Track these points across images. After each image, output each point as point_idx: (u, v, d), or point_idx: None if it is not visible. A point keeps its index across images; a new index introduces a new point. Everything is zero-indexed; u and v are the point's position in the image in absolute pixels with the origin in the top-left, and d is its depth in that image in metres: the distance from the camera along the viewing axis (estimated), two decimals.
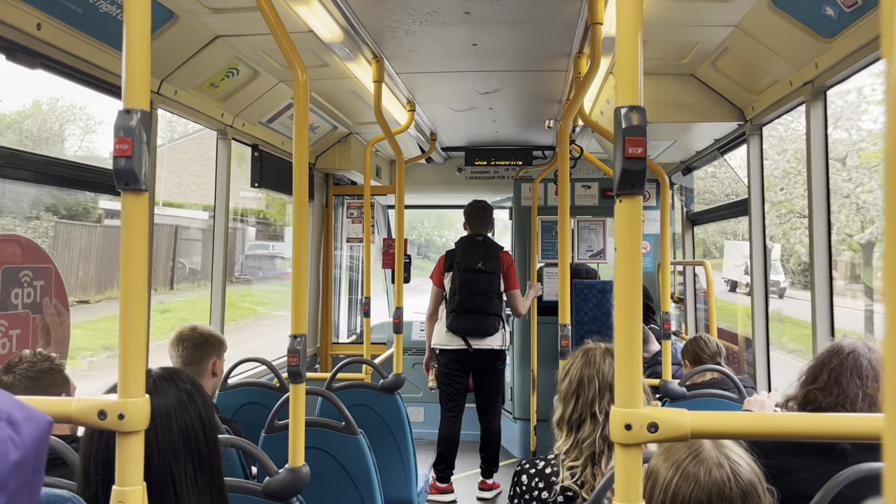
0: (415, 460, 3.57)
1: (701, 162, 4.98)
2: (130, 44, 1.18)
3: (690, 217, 5.55)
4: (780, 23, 2.75)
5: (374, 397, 3.53)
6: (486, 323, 4.74)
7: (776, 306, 8.02)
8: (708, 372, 3.34)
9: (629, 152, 1.11)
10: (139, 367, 1.20)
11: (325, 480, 2.68)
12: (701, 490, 1.25)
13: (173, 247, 15.32)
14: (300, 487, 1.91)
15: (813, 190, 2.99)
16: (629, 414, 1.09)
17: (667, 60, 3.54)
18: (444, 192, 6.95)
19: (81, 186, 3.19)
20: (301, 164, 1.99)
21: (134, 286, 1.20)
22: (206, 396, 1.46)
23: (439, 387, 4.96)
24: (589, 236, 5.81)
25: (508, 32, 3.26)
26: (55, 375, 2.16)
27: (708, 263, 4.84)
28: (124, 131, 1.16)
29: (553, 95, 4.52)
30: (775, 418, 1.25)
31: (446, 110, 4.90)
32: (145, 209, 1.21)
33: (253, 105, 3.92)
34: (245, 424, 3.00)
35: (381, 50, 3.46)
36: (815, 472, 1.70)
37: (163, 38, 2.86)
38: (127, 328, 1.20)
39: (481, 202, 5.06)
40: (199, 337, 2.79)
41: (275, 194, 6.43)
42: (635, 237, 1.13)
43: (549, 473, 1.90)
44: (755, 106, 3.54)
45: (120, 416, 1.17)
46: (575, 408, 1.92)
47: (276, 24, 2.02)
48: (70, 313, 2.66)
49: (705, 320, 4.98)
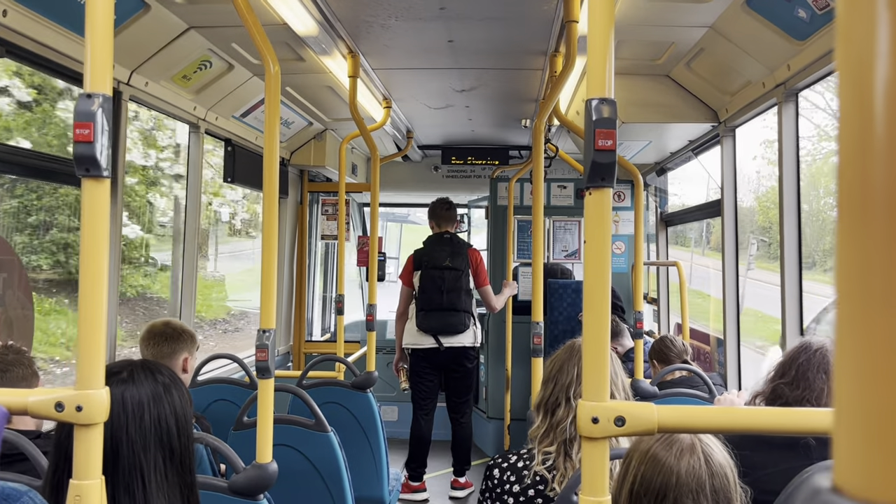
0: (387, 458, 3.55)
1: (675, 163, 5.02)
2: (92, 26, 1.15)
3: (664, 218, 5.59)
4: (754, 24, 2.77)
5: (345, 395, 3.50)
6: (456, 320, 4.74)
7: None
8: (678, 370, 3.37)
9: (599, 144, 1.11)
10: (98, 358, 1.18)
11: (295, 478, 2.66)
12: (670, 469, 1.25)
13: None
14: (267, 484, 1.88)
15: (784, 190, 3.02)
16: (596, 407, 1.09)
17: (642, 61, 3.56)
18: (421, 191, 6.94)
19: (43, 176, 3.13)
20: (271, 157, 1.97)
21: (94, 276, 1.17)
22: (184, 392, 1.43)
23: (411, 386, 4.95)
24: (564, 236, 5.83)
25: (484, 29, 3.26)
26: (24, 369, 2.12)
27: (681, 264, 4.87)
28: (84, 115, 1.13)
29: (529, 94, 4.53)
30: (741, 412, 1.25)
31: (423, 107, 4.89)
32: (106, 196, 1.18)
33: (226, 99, 3.88)
34: (215, 421, 2.97)
35: (357, 45, 3.44)
36: (781, 468, 1.72)
37: (133, 27, 2.81)
38: (86, 319, 1.17)
39: (445, 199, 5.08)
40: (171, 332, 2.74)
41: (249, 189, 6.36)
42: (605, 230, 1.13)
43: (521, 467, 1.90)
44: (729, 108, 3.57)
45: (78, 409, 1.14)
46: (552, 391, 1.93)
47: (247, 14, 1.99)
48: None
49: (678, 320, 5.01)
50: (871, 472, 0.27)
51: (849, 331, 0.29)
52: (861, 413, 0.28)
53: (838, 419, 0.29)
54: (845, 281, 0.29)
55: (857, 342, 0.28)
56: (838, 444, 0.29)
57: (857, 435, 0.28)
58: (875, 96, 0.27)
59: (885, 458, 0.27)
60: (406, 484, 4.84)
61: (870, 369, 0.27)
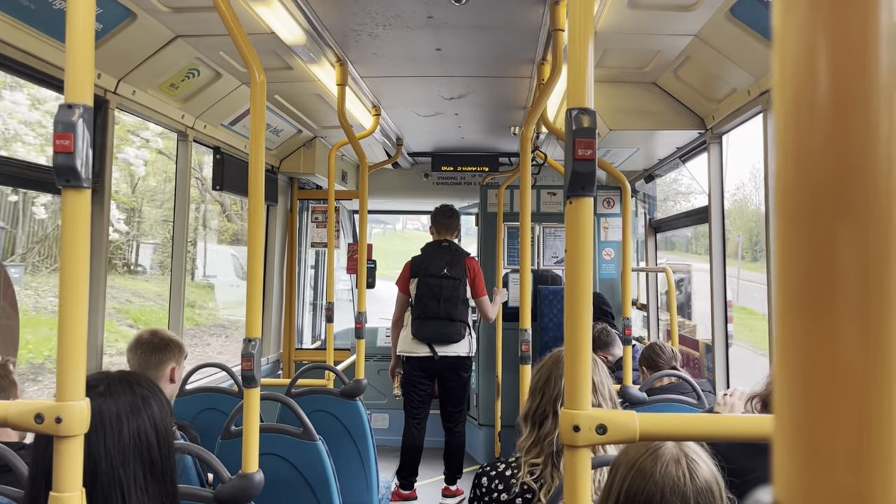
0: (376, 467, 3.54)
1: (663, 170, 5.04)
2: (73, 35, 1.15)
3: (653, 224, 5.61)
4: (738, 33, 2.79)
5: (334, 403, 3.49)
6: (452, 330, 4.71)
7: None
8: (666, 377, 3.38)
9: (579, 154, 1.12)
10: (78, 369, 1.17)
11: (282, 487, 2.65)
12: (654, 484, 1.25)
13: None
14: (253, 494, 1.88)
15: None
16: (578, 415, 1.09)
17: (629, 69, 3.58)
18: (411, 198, 6.94)
19: (23, 185, 3.12)
20: (257, 165, 1.97)
21: (74, 287, 1.17)
22: (163, 403, 1.42)
23: (403, 394, 4.93)
24: (554, 243, 5.85)
25: (472, 38, 3.27)
26: (3, 379, 2.10)
27: (670, 270, 4.89)
28: (64, 126, 1.13)
29: (518, 102, 4.54)
30: (723, 420, 1.26)
31: (412, 115, 4.90)
32: (87, 207, 1.18)
33: (214, 107, 3.87)
34: (203, 431, 2.95)
35: (345, 53, 3.45)
36: (769, 472, 1.72)
37: (120, 36, 2.81)
38: (66, 330, 1.17)
39: (449, 206, 5.03)
40: (158, 341, 2.73)
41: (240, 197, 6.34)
42: (585, 239, 1.14)
43: (508, 475, 1.90)
44: (715, 115, 3.59)
45: (57, 420, 1.14)
46: (540, 404, 1.93)
47: (233, 23, 1.99)
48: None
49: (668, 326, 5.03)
50: (810, 486, 0.27)
51: (784, 341, 0.29)
52: (799, 424, 0.28)
53: (778, 431, 0.29)
54: (782, 287, 0.29)
55: (794, 351, 0.28)
56: (778, 458, 0.29)
57: (794, 448, 0.28)
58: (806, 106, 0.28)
59: (823, 472, 0.27)
60: (396, 492, 4.82)
61: (806, 379, 0.28)
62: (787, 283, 0.28)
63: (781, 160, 0.29)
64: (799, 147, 0.28)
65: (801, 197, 0.28)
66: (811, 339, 0.28)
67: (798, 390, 0.28)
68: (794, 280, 0.28)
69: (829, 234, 0.27)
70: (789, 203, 0.29)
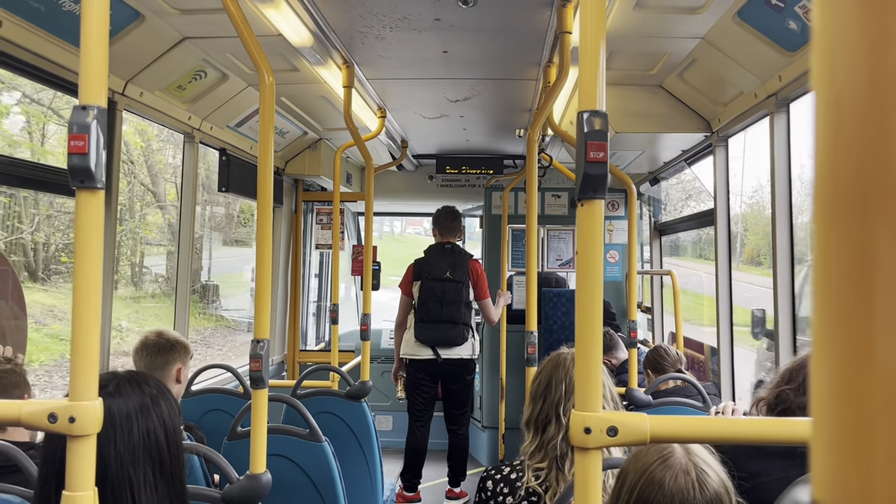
0: (381, 468, 3.54)
1: (668, 173, 5.04)
2: (87, 38, 1.16)
3: (658, 227, 5.61)
4: (745, 35, 2.79)
5: (340, 405, 3.50)
6: (455, 333, 4.71)
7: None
8: (671, 380, 3.38)
9: (591, 156, 1.12)
10: (92, 369, 1.18)
11: (289, 488, 2.65)
12: (664, 495, 1.25)
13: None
14: (260, 495, 1.88)
15: (776, 200, 3.04)
16: (588, 417, 1.09)
17: (635, 71, 3.58)
18: (416, 200, 6.94)
19: (38, 187, 3.13)
20: (265, 166, 1.98)
21: (87, 287, 1.17)
22: (172, 402, 1.42)
23: (407, 396, 4.93)
24: (559, 245, 5.85)
25: (479, 40, 3.27)
26: (16, 377, 2.12)
27: (675, 272, 4.89)
28: (79, 128, 1.13)
29: (523, 104, 4.55)
30: (733, 422, 1.26)
31: (417, 117, 4.90)
32: (101, 208, 1.19)
33: (221, 108, 3.88)
34: (209, 431, 2.96)
35: (352, 55, 3.46)
36: (777, 476, 1.72)
37: (128, 38, 2.82)
38: (80, 330, 1.17)
39: (451, 208, 5.01)
40: (164, 342, 2.73)
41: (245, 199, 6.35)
42: (597, 242, 1.14)
43: (514, 479, 1.90)
44: (721, 118, 3.59)
45: (71, 420, 1.14)
46: (542, 409, 1.93)
47: (242, 25, 2.00)
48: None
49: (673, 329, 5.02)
50: (849, 486, 0.27)
51: (825, 341, 0.29)
52: (838, 425, 0.28)
53: (816, 432, 0.29)
54: (822, 289, 0.29)
55: (834, 352, 0.28)
56: (816, 458, 0.29)
57: (834, 448, 0.28)
58: (849, 102, 0.28)
59: (862, 471, 0.27)
60: (400, 494, 4.83)
61: (846, 380, 0.28)
62: (826, 285, 0.29)
63: (822, 163, 0.29)
64: (844, 148, 0.28)
65: (842, 201, 0.28)
66: (851, 341, 0.28)
67: (836, 392, 0.28)
68: (834, 282, 0.28)
69: (869, 237, 0.27)
70: (830, 207, 0.29)
